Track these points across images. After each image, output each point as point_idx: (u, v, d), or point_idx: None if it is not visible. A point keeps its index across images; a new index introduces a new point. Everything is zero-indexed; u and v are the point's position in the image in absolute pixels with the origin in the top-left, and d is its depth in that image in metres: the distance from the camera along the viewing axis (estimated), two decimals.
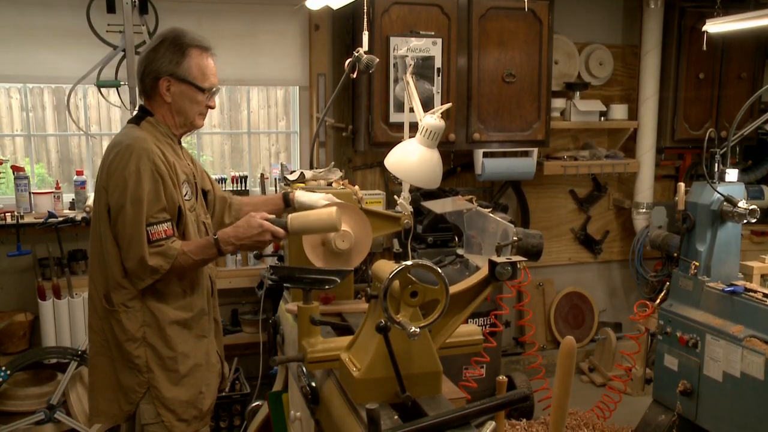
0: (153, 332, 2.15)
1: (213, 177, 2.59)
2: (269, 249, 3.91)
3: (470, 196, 3.31)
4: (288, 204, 2.50)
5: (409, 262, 1.56)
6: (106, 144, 4.42)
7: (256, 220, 2.17)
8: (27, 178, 3.76)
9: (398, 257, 1.59)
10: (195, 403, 2.22)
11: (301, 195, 2.46)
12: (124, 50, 3.64)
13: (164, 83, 2.19)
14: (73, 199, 3.86)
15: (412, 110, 2.68)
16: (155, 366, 2.16)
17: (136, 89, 2.33)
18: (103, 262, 2.15)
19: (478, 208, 2.88)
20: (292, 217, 2.20)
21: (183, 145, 2.36)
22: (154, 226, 2.08)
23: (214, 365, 2.34)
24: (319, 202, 2.38)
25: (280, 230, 2.17)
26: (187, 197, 2.22)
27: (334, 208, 2.21)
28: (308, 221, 2.20)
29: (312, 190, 2.53)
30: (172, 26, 2.28)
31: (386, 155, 2.60)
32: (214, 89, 2.27)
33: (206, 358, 2.28)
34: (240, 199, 2.59)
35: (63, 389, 3.52)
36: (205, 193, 2.41)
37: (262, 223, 2.16)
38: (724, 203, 3.21)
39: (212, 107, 2.32)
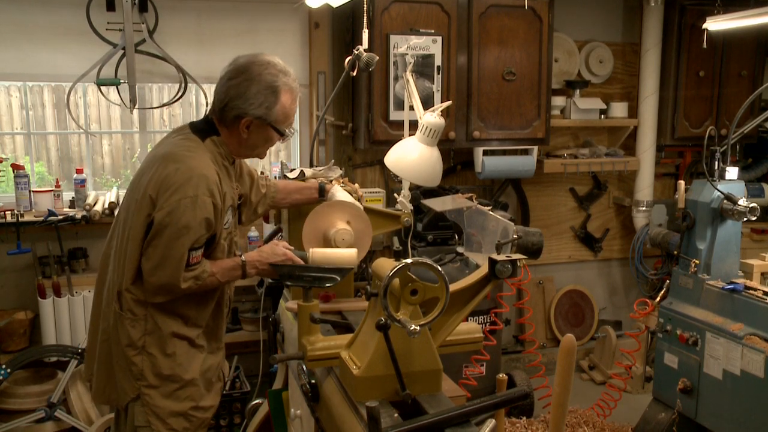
0: (153, 342, 2.14)
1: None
2: None
3: (470, 194, 3.30)
4: (322, 194, 2.50)
5: (409, 260, 1.56)
6: (106, 142, 4.44)
7: (281, 248, 2.24)
8: (27, 176, 3.75)
9: (398, 255, 1.59)
10: (187, 416, 2.20)
11: (337, 191, 2.49)
12: (123, 48, 3.64)
13: (246, 122, 2.11)
14: (73, 198, 3.85)
15: (412, 108, 2.68)
16: (150, 375, 2.14)
17: (209, 107, 2.20)
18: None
19: (478, 206, 2.87)
20: (314, 252, 2.25)
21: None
22: (196, 251, 2.07)
23: (214, 384, 2.31)
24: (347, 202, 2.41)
25: (301, 262, 2.23)
26: (226, 225, 2.20)
27: (355, 250, 2.27)
28: (329, 260, 2.24)
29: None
30: (264, 56, 2.13)
31: (386, 153, 2.60)
32: (291, 131, 2.21)
33: (205, 375, 2.25)
34: (276, 185, 2.52)
35: (63, 387, 3.52)
36: (240, 196, 2.37)
37: (286, 252, 2.23)
38: (725, 201, 3.21)
39: (283, 142, 2.28)
